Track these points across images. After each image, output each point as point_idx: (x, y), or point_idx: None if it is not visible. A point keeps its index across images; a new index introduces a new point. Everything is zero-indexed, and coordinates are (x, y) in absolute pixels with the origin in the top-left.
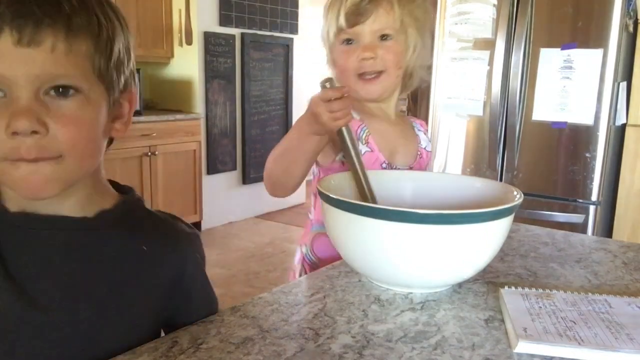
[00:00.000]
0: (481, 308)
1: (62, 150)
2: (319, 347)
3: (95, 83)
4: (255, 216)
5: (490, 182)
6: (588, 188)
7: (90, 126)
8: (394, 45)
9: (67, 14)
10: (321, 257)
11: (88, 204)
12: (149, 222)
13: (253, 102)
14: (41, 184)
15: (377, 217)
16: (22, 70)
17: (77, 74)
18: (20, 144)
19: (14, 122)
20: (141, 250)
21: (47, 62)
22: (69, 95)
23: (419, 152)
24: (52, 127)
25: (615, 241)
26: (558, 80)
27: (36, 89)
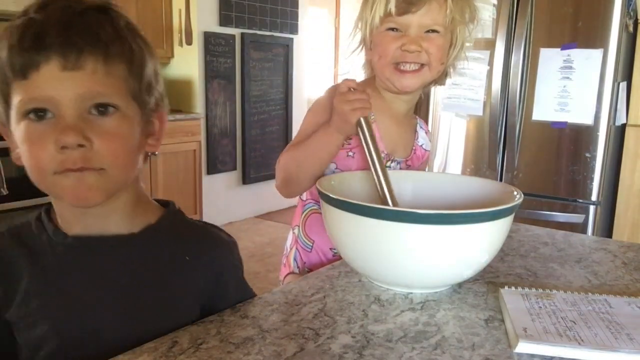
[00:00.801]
0: (481, 308)
1: (104, 163)
2: (319, 347)
3: (130, 102)
4: (255, 216)
5: (490, 182)
6: (588, 188)
7: (128, 140)
8: (440, 40)
9: (104, 42)
10: (312, 235)
11: (133, 219)
12: (190, 232)
13: (253, 102)
14: (87, 192)
15: (377, 217)
16: (68, 91)
17: (114, 93)
18: (68, 157)
19: (62, 136)
20: (184, 260)
21: (89, 84)
22: (109, 113)
23: (414, 148)
24: (95, 142)
25: (615, 241)
26: (558, 80)
27: (80, 108)
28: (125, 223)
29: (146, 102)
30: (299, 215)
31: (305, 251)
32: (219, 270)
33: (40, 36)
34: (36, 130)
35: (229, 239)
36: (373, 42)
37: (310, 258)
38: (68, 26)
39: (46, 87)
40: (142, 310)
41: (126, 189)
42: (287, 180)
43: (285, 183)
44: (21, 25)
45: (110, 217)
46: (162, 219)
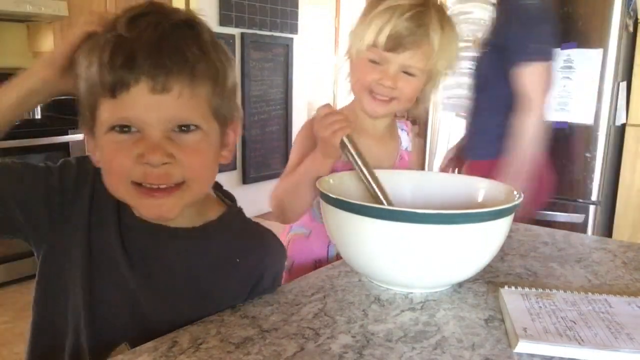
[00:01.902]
0: (481, 308)
1: (186, 177)
2: (319, 347)
3: (211, 120)
4: (255, 216)
5: (490, 182)
6: (588, 188)
7: (208, 156)
8: (415, 82)
9: (191, 63)
10: (294, 259)
11: (197, 215)
12: (247, 234)
13: (253, 102)
14: (164, 212)
15: (377, 217)
16: (155, 114)
17: (197, 114)
18: (150, 172)
19: (148, 155)
20: (234, 261)
21: (175, 107)
22: (190, 131)
23: (399, 155)
24: (177, 157)
25: (615, 241)
26: (558, 80)
27: (165, 129)
28: (190, 217)
29: (226, 118)
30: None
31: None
32: (260, 276)
33: (131, 57)
34: (122, 141)
35: (280, 249)
36: (353, 63)
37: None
38: (158, 47)
39: (134, 109)
40: (181, 302)
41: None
42: (283, 210)
43: (281, 212)
44: (112, 43)
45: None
46: (223, 217)
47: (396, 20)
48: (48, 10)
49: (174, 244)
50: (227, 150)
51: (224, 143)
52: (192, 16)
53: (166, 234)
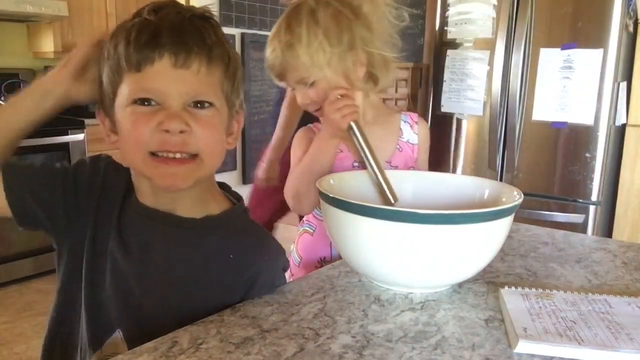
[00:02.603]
0: (481, 308)
1: (199, 148)
2: (319, 347)
3: (222, 101)
4: None
5: (490, 182)
6: (588, 188)
7: (219, 131)
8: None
9: (209, 45)
10: (301, 253)
11: (199, 207)
12: (245, 233)
13: (253, 102)
14: (178, 180)
15: (377, 217)
16: (175, 87)
17: (212, 92)
18: (169, 140)
19: (168, 122)
20: (228, 257)
21: (193, 83)
22: (205, 107)
23: (399, 146)
24: (193, 128)
25: (615, 241)
26: (558, 80)
27: (184, 102)
28: (192, 206)
29: (233, 104)
30: (297, 232)
31: (295, 265)
32: (254, 275)
33: (156, 35)
34: (143, 112)
35: (278, 253)
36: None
37: (298, 273)
38: (180, 28)
39: (157, 81)
40: (174, 291)
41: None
42: (297, 197)
43: (297, 200)
44: (138, 25)
45: (181, 199)
46: (225, 214)
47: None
48: (48, 10)
49: (175, 233)
50: (232, 137)
51: (230, 130)
52: (208, 12)
53: (168, 223)
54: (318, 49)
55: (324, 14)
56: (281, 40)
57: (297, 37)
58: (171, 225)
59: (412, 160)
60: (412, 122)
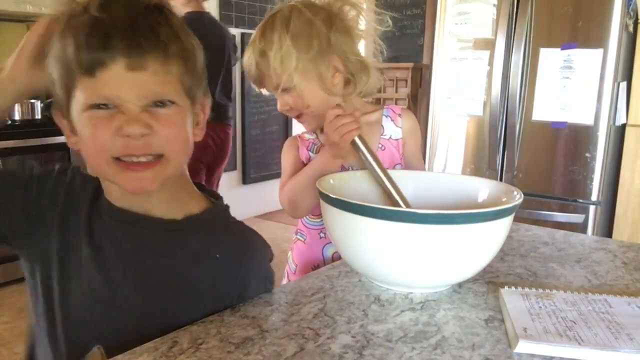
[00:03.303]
0: (481, 308)
1: (164, 148)
2: (319, 347)
3: (184, 97)
4: (255, 216)
5: (490, 182)
6: (588, 188)
7: (184, 129)
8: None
9: (164, 42)
10: (296, 261)
11: (176, 204)
12: (230, 232)
13: (253, 102)
14: (144, 184)
15: (377, 217)
16: (132, 91)
17: (172, 90)
18: (131, 144)
19: (127, 127)
20: (214, 258)
21: (150, 84)
22: (166, 106)
23: (381, 145)
24: (155, 128)
25: (615, 241)
26: (558, 80)
27: (142, 104)
28: (168, 206)
29: (197, 96)
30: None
31: (292, 272)
32: (246, 276)
33: (107, 36)
34: (101, 117)
35: (265, 249)
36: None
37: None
38: (132, 27)
39: (112, 86)
40: (165, 297)
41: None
42: (293, 204)
43: (292, 207)
44: (87, 24)
45: (154, 198)
46: (206, 212)
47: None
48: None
49: (153, 236)
50: (198, 128)
51: (196, 122)
52: (162, 1)
53: (146, 225)
54: (286, 55)
55: (297, 21)
56: (255, 48)
57: (269, 44)
58: (149, 228)
59: (397, 157)
60: (395, 114)
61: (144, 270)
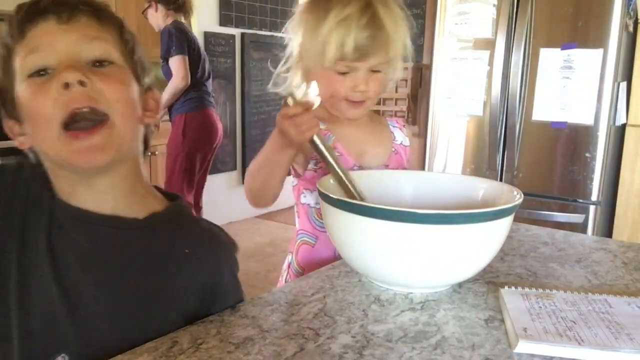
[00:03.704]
0: (481, 308)
1: (109, 106)
2: (319, 347)
3: (125, 63)
4: (255, 216)
5: (490, 182)
6: (588, 188)
7: (128, 88)
8: (381, 77)
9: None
10: (302, 265)
11: (133, 202)
12: (194, 228)
13: (253, 102)
14: (94, 154)
15: (377, 217)
16: (64, 42)
17: (110, 51)
18: (72, 97)
19: (64, 74)
20: (183, 253)
21: (84, 37)
22: (107, 66)
23: (394, 149)
24: (97, 84)
25: (615, 241)
26: (558, 80)
27: (80, 58)
28: (128, 204)
29: (139, 74)
30: (294, 242)
31: (295, 277)
32: (218, 269)
33: (36, 2)
34: (40, 83)
35: (229, 240)
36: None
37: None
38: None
39: (44, 39)
40: (135, 299)
41: (125, 162)
42: (257, 198)
43: (252, 197)
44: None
45: (108, 194)
46: (169, 210)
47: (355, 31)
48: None
49: (117, 236)
50: (151, 112)
51: (146, 107)
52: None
53: (108, 226)
54: (400, 26)
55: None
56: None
57: (390, 13)
58: (115, 227)
59: (404, 162)
60: (400, 125)
61: (107, 273)
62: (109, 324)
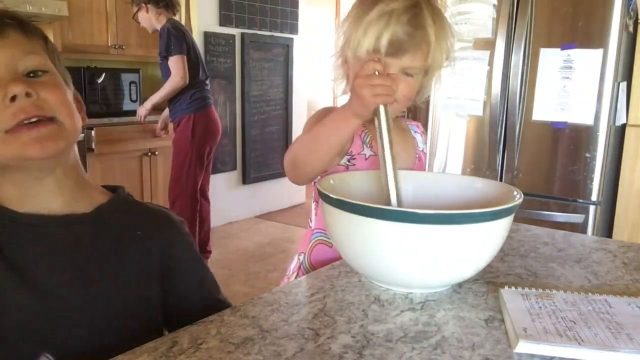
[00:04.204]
0: (481, 308)
1: (55, 111)
2: (319, 347)
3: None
4: (255, 216)
5: (490, 182)
6: (588, 188)
7: (66, 91)
8: (413, 82)
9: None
10: (317, 266)
11: (78, 200)
12: (141, 211)
13: (253, 102)
14: (43, 141)
15: (377, 217)
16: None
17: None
18: (20, 108)
19: (10, 88)
20: (136, 235)
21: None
22: (41, 75)
23: (418, 155)
24: (41, 93)
25: (615, 241)
26: (558, 80)
27: (16, 71)
28: (70, 203)
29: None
30: (307, 243)
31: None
32: (170, 244)
33: None
34: None
35: (177, 218)
36: (353, 68)
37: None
38: None
39: None
40: (101, 286)
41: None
42: (295, 165)
43: (293, 167)
44: None
45: (57, 192)
46: (113, 200)
47: (394, 26)
48: (48, 10)
49: (68, 232)
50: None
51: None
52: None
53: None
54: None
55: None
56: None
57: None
58: (65, 225)
59: (425, 170)
60: (420, 131)
61: (70, 269)
62: (80, 317)
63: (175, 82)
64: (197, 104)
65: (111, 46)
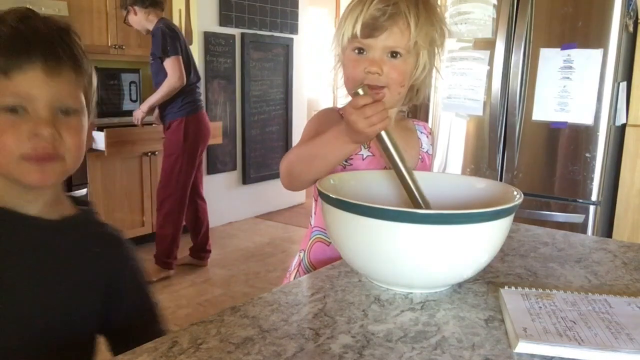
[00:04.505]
0: (481, 308)
1: (66, 154)
2: (319, 347)
3: (85, 109)
4: (255, 216)
5: (490, 182)
6: (588, 188)
7: (83, 138)
8: (401, 64)
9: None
10: (315, 263)
11: (53, 209)
12: (100, 229)
13: (253, 102)
14: (46, 176)
15: (376, 217)
16: (46, 93)
17: (78, 100)
18: (39, 145)
19: (40, 128)
20: (92, 251)
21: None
22: (71, 114)
23: (421, 156)
24: (63, 135)
25: (615, 241)
26: (558, 80)
27: (53, 108)
28: (43, 209)
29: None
30: (307, 240)
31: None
32: (118, 268)
33: (28, 44)
34: (12, 120)
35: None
36: (342, 62)
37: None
38: (51, 39)
39: (28, 87)
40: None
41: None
42: (290, 172)
43: (288, 174)
44: (7, 33)
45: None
46: (80, 214)
47: (368, 8)
48: (48, 11)
49: (35, 235)
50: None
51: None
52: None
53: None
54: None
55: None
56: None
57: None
58: (32, 227)
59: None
60: (427, 132)
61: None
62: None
63: (173, 84)
64: (189, 107)
65: (111, 46)
